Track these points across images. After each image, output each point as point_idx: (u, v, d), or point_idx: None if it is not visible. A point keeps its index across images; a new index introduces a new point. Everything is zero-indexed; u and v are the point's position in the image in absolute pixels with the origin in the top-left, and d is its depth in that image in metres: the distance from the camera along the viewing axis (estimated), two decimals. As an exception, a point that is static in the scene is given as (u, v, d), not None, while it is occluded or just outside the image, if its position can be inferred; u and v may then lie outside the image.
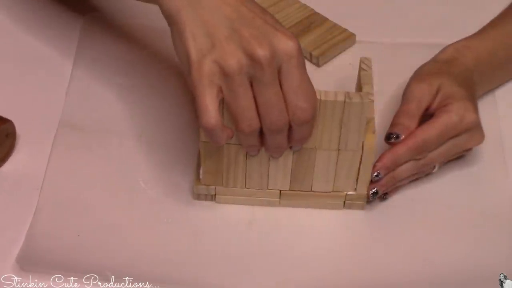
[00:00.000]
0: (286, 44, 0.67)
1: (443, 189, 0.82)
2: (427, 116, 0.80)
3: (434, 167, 0.81)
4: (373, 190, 0.79)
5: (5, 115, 0.85)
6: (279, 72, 0.68)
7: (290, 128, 0.71)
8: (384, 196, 0.81)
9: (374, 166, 0.78)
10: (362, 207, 0.81)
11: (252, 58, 0.67)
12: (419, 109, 0.80)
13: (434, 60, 0.85)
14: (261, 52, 0.67)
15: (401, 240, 0.79)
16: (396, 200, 0.82)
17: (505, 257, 0.78)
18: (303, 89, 0.69)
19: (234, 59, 0.67)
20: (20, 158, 0.83)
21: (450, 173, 0.84)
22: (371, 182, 0.79)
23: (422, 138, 0.78)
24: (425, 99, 0.80)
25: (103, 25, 0.95)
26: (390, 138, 0.78)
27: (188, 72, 0.68)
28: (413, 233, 0.79)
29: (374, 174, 0.78)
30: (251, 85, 0.68)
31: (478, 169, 0.84)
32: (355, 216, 0.81)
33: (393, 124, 0.80)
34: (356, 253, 0.78)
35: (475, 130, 0.80)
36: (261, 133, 0.72)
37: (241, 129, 0.70)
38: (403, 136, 0.78)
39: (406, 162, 0.79)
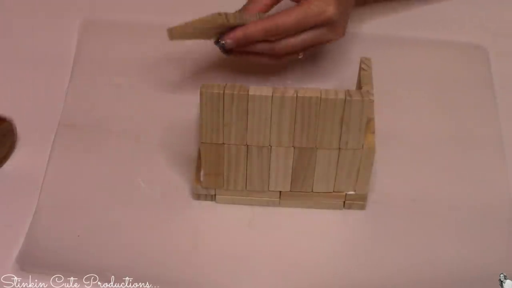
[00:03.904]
0: None
1: (443, 189, 0.82)
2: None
3: (298, 54, 0.84)
4: (221, 42, 0.83)
5: (5, 114, 0.85)
6: None
7: None
8: (226, 50, 0.84)
9: (224, 36, 0.82)
10: (362, 207, 0.81)
11: None
12: None
13: None
14: None
15: (401, 240, 0.79)
16: (396, 200, 0.82)
17: (505, 257, 0.78)
18: None
19: None
20: (20, 158, 0.83)
21: (450, 173, 0.84)
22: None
23: (279, 21, 0.81)
24: None
25: (103, 25, 0.95)
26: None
27: None
28: (413, 233, 0.79)
29: (221, 39, 0.82)
30: None
31: (478, 170, 0.84)
32: (355, 216, 0.81)
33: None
34: (356, 253, 0.78)
35: (335, 24, 0.82)
36: None
37: None
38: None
39: (258, 42, 0.82)
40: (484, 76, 0.92)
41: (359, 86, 0.79)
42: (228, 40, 0.82)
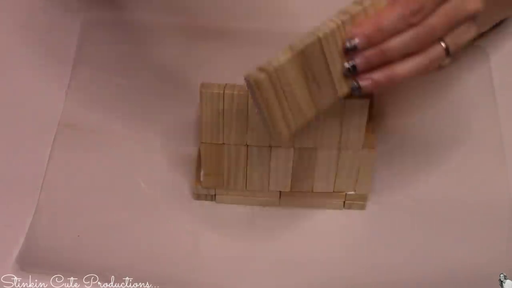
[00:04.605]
0: None
1: (443, 189, 0.82)
2: None
3: (445, 53, 0.68)
4: (350, 63, 0.66)
5: (5, 114, 0.86)
6: None
7: None
8: (357, 85, 0.67)
9: (350, 32, 0.66)
10: (362, 207, 0.81)
11: None
12: None
13: None
14: None
15: (401, 240, 0.79)
16: (396, 200, 0.82)
17: (505, 257, 0.78)
18: None
19: None
20: (20, 158, 0.83)
21: (450, 173, 0.84)
22: (347, 53, 0.66)
23: None
24: None
25: (103, 25, 0.95)
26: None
27: None
28: (413, 233, 0.79)
29: (347, 42, 0.65)
30: None
31: (478, 169, 0.84)
32: (355, 216, 0.81)
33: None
34: (356, 253, 0.78)
35: None
36: None
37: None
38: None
39: (396, 30, 0.66)
40: (484, 76, 0.92)
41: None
42: (357, 39, 0.65)
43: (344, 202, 0.81)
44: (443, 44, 0.67)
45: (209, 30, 0.95)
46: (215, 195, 0.81)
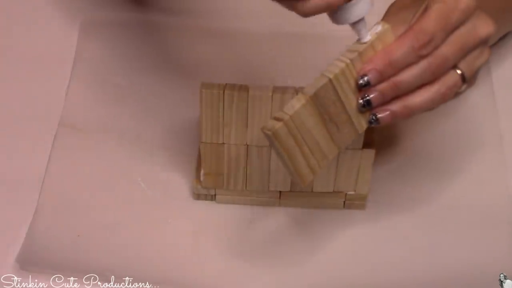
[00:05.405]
0: None
1: (443, 189, 0.82)
2: None
3: (461, 80, 0.68)
4: (365, 99, 0.66)
5: (5, 114, 0.86)
6: None
7: None
8: (375, 118, 0.67)
9: (361, 69, 0.66)
10: (362, 207, 0.81)
11: None
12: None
13: None
14: None
15: (401, 240, 0.79)
16: (396, 200, 0.82)
17: (505, 257, 0.78)
18: None
19: None
20: (20, 158, 0.83)
21: (450, 173, 0.84)
22: (360, 90, 0.66)
23: (419, 26, 0.65)
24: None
25: (103, 25, 0.95)
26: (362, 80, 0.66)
27: None
28: (413, 233, 0.79)
29: (359, 79, 0.65)
30: None
31: (478, 169, 0.84)
32: (355, 216, 0.81)
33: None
34: (356, 253, 0.78)
35: (477, 14, 0.67)
36: None
37: None
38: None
39: (408, 63, 0.66)
40: (484, 76, 0.92)
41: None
42: (369, 76, 0.65)
43: (344, 202, 0.81)
44: (458, 71, 0.67)
45: (209, 30, 0.95)
46: (215, 195, 0.81)
